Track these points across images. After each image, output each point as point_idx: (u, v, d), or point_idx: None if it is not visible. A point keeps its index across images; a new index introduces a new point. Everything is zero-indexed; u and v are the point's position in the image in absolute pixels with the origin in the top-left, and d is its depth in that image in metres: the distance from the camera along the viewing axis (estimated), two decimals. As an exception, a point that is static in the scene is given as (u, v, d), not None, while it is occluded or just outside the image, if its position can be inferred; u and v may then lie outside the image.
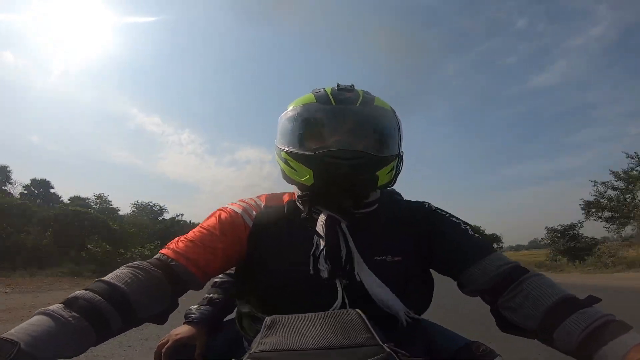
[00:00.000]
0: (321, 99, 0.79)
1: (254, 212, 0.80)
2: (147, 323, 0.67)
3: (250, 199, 0.85)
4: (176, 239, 0.76)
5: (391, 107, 0.82)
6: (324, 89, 0.82)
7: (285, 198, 0.85)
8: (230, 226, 0.77)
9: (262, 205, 0.83)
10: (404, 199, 0.94)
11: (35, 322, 0.51)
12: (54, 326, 0.51)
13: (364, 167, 0.73)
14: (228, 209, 0.81)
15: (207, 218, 0.81)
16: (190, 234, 0.76)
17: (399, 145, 0.81)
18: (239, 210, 0.80)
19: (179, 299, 0.72)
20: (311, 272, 0.71)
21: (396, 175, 0.81)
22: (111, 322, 0.58)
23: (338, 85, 0.82)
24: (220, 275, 1.07)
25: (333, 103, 0.77)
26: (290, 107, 0.82)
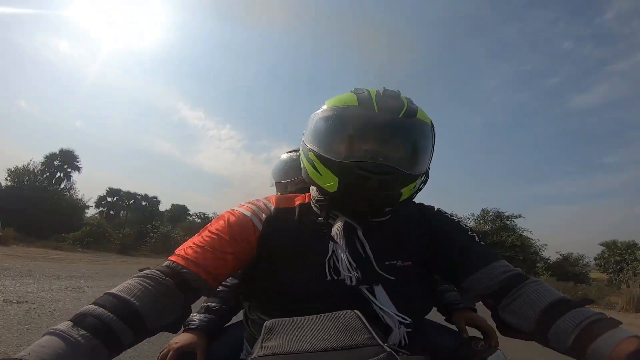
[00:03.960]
0: (364, 102, 0.73)
1: (264, 215, 0.77)
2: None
3: (259, 200, 0.82)
4: (185, 244, 0.74)
5: (431, 121, 0.78)
6: (368, 90, 0.77)
7: (296, 201, 0.83)
8: (239, 230, 0.74)
9: (272, 207, 0.80)
10: (415, 201, 0.91)
11: (46, 344, 0.50)
12: (64, 348, 0.50)
13: (392, 184, 0.71)
14: (237, 212, 0.78)
15: (216, 221, 0.78)
16: (198, 239, 0.74)
17: (429, 162, 0.79)
18: (248, 213, 0.77)
19: None
20: (328, 278, 0.69)
21: (418, 191, 0.79)
22: (122, 337, 0.56)
23: (384, 90, 0.77)
24: None
25: (376, 110, 0.72)
26: (328, 106, 0.77)
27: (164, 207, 32.80)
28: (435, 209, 0.85)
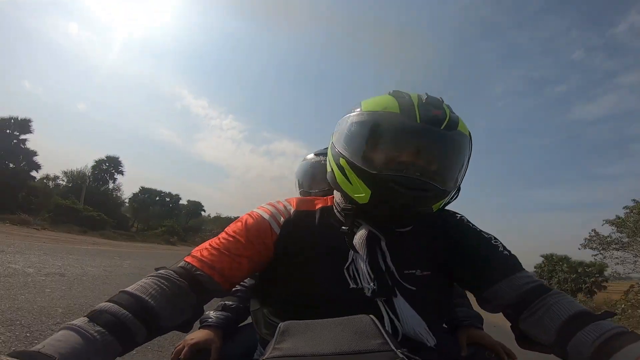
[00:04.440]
0: (406, 111, 0.69)
1: (282, 218, 0.76)
2: None
3: (279, 202, 0.81)
4: (201, 245, 0.74)
5: (469, 133, 0.74)
6: (410, 95, 0.73)
7: (317, 204, 0.81)
8: (256, 233, 0.74)
9: (292, 210, 0.78)
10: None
11: (62, 338, 0.50)
12: (81, 342, 0.50)
13: (425, 201, 0.70)
14: (255, 214, 0.77)
15: (234, 223, 0.78)
16: (215, 241, 0.74)
17: (463, 176, 0.76)
18: (266, 215, 0.76)
19: None
20: (349, 286, 0.69)
21: (447, 204, 0.77)
22: (136, 334, 0.57)
23: (427, 97, 0.72)
24: None
25: (418, 120, 0.68)
26: (365, 109, 0.74)
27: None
28: (458, 217, 0.82)
